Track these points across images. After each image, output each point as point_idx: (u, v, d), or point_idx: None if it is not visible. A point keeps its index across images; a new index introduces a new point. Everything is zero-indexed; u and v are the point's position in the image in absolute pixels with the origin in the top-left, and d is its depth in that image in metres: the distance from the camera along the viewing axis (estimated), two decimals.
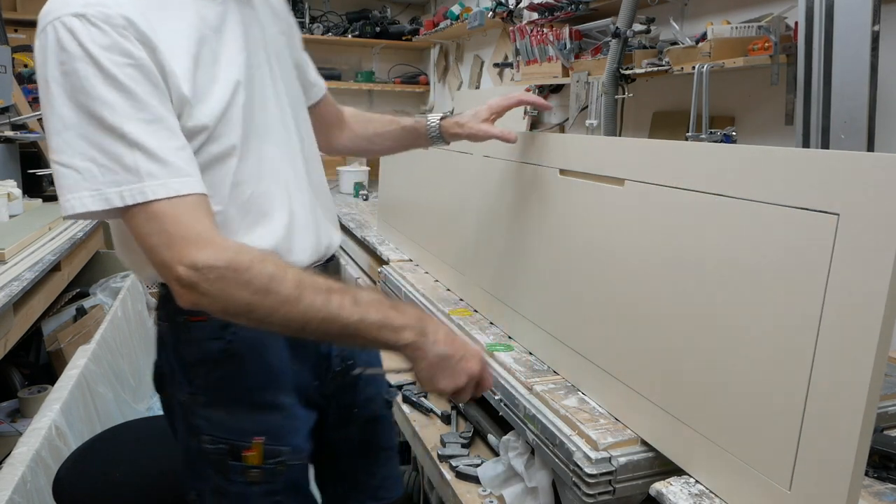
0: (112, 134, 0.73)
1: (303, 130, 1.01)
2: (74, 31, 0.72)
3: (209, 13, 0.86)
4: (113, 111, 0.73)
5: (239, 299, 0.74)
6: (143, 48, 0.75)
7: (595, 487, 0.86)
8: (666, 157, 0.91)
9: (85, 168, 0.73)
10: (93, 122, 0.73)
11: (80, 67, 0.72)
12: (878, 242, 0.63)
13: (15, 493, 1.28)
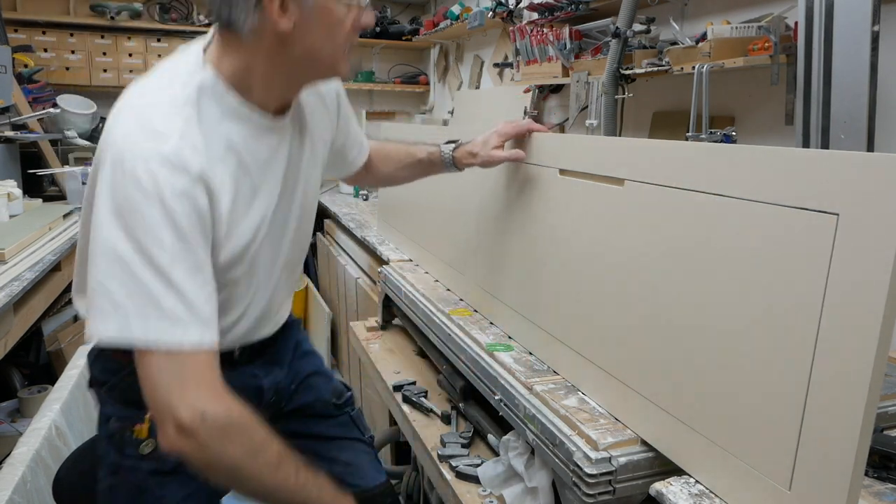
0: (159, 275, 0.77)
1: (304, 223, 1.09)
2: (154, 174, 0.77)
3: (262, 147, 0.92)
4: (165, 253, 0.78)
5: (231, 455, 0.81)
6: (208, 198, 0.82)
7: (595, 487, 0.86)
8: (666, 157, 0.91)
9: (122, 302, 0.77)
10: (143, 260, 0.77)
11: (150, 209, 0.77)
12: (878, 242, 0.63)
13: (15, 493, 1.28)
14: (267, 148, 0.93)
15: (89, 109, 3.66)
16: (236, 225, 0.89)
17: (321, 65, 0.90)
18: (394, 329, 1.88)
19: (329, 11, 0.85)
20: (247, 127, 0.89)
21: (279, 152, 0.96)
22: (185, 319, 0.79)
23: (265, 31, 0.84)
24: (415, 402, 1.41)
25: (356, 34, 0.91)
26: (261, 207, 0.94)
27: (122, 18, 3.86)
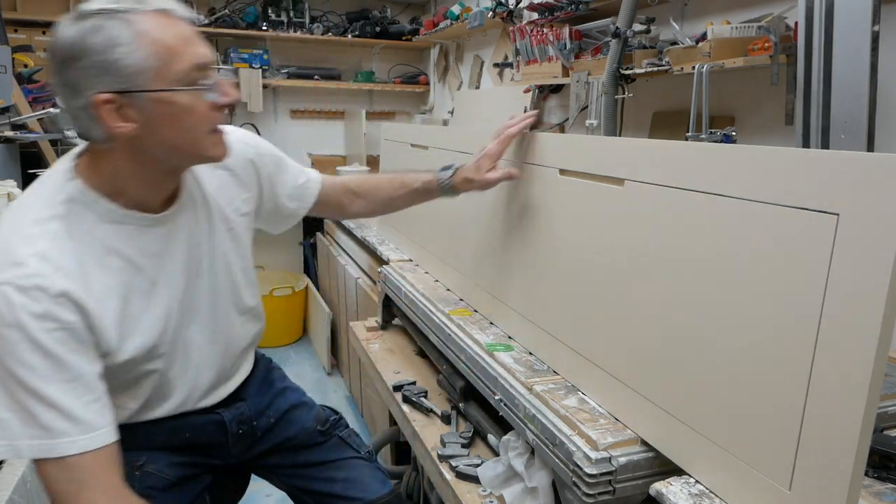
0: (32, 395, 0.81)
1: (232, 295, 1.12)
2: (11, 302, 0.80)
3: (151, 241, 0.95)
4: (33, 374, 0.81)
5: None
6: (77, 313, 0.84)
7: (595, 487, 0.86)
8: (666, 157, 0.91)
9: (6, 419, 0.82)
10: (16, 381, 0.81)
11: (9, 333, 0.80)
12: (878, 242, 0.63)
13: (15, 493, 1.28)
14: (156, 241, 0.96)
15: None
16: (136, 321, 0.94)
17: (185, 154, 0.92)
18: (394, 329, 1.88)
19: (171, 104, 0.86)
20: (127, 227, 0.92)
21: (174, 241, 0.99)
22: (67, 430, 0.83)
23: (115, 137, 0.86)
24: (415, 402, 1.41)
25: (218, 113, 0.91)
26: (165, 297, 0.98)
27: None
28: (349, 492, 1.22)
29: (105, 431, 0.87)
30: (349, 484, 1.24)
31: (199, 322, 1.06)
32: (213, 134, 0.92)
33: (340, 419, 1.35)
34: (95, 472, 0.85)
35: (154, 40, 0.83)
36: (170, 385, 1.04)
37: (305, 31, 4.08)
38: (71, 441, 0.83)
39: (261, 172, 1.17)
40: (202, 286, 1.05)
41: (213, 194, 1.07)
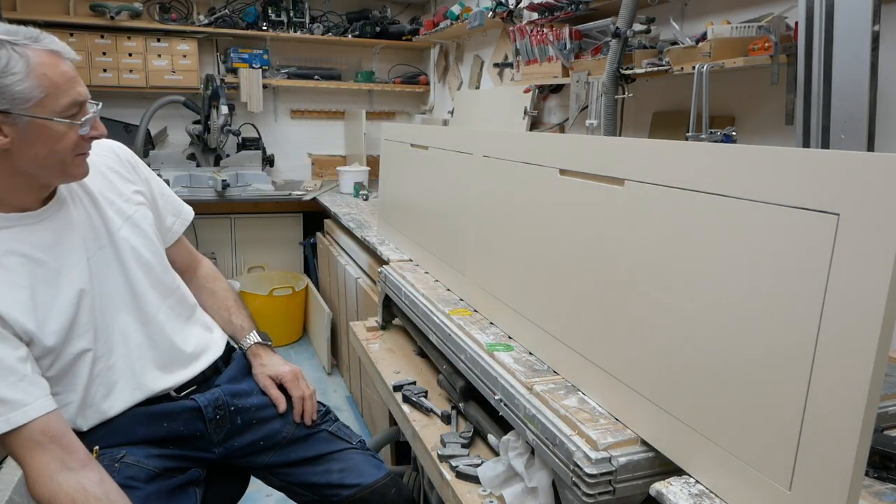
0: None
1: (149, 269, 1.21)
2: None
3: (41, 235, 1.05)
4: None
5: None
6: None
7: (595, 487, 0.86)
8: (666, 157, 0.91)
9: None
10: None
11: None
12: (878, 242, 0.63)
13: (15, 493, 1.28)
14: (47, 233, 1.07)
15: None
16: (49, 307, 1.04)
17: (51, 171, 1.04)
18: (394, 329, 1.88)
19: (46, 129, 0.99)
20: (15, 229, 1.03)
21: (65, 231, 1.09)
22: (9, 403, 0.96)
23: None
24: (415, 402, 1.41)
25: (86, 143, 1.06)
26: (72, 282, 1.07)
27: (122, 18, 3.86)
28: (346, 479, 1.26)
29: (35, 405, 0.98)
30: (346, 472, 1.28)
31: (123, 307, 1.16)
32: (77, 157, 1.05)
33: (328, 412, 1.39)
34: (39, 451, 0.97)
35: (44, 75, 0.97)
36: (111, 371, 1.13)
37: (305, 31, 4.08)
38: (4, 420, 0.96)
39: (139, 170, 1.30)
40: (113, 273, 1.15)
41: (100, 190, 1.18)
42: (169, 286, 1.26)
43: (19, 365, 0.99)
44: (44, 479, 0.96)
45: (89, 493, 0.98)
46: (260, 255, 3.96)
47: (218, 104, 3.60)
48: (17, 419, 0.96)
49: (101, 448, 1.12)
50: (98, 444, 1.12)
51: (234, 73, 4.01)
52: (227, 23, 3.95)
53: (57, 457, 0.98)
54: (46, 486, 0.96)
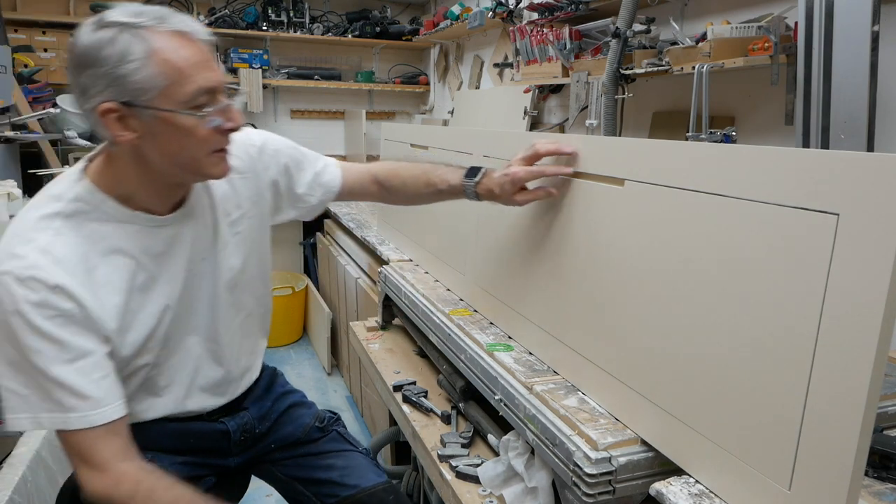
0: (42, 375, 0.88)
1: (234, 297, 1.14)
2: (11, 292, 0.86)
3: (155, 242, 0.99)
4: (40, 356, 0.87)
5: None
6: (73, 303, 0.89)
7: (595, 487, 0.86)
8: (666, 157, 0.91)
9: (25, 395, 0.89)
10: (26, 363, 0.88)
11: (12, 320, 0.86)
12: (878, 242, 0.63)
13: (15, 493, 1.28)
14: (161, 242, 1.00)
15: None
16: (134, 316, 0.98)
17: (185, 169, 0.95)
18: (394, 329, 1.88)
19: (173, 124, 0.88)
20: (132, 228, 0.96)
21: (177, 244, 1.02)
22: (76, 406, 0.89)
23: (119, 143, 0.90)
24: (415, 402, 1.41)
25: (222, 136, 0.93)
26: (163, 295, 1.01)
27: None
28: (346, 479, 1.24)
29: (113, 407, 0.93)
30: (347, 471, 1.26)
31: (196, 326, 1.09)
32: (213, 154, 0.94)
33: (338, 418, 1.38)
34: (106, 444, 0.92)
35: (165, 60, 0.85)
36: (160, 381, 1.08)
37: (305, 31, 4.08)
38: (81, 416, 0.89)
39: (271, 172, 1.19)
40: (203, 291, 1.08)
41: (221, 200, 1.09)
42: (251, 298, 1.19)
43: (104, 361, 0.93)
44: (106, 469, 0.92)
45: (152, 475, 0.95)
46: None
47: None
48: (95, 419, 0.91)
49: None
50: None
51: (234, 73, 4.01)
52: (227, 23, 3.95)
53: (119, 450, 0.94)
54: (108, 475, 0.92)
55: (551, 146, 1.12)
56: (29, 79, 3.41)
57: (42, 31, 3.76)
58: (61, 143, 3.40)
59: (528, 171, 1.12)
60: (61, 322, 0.88)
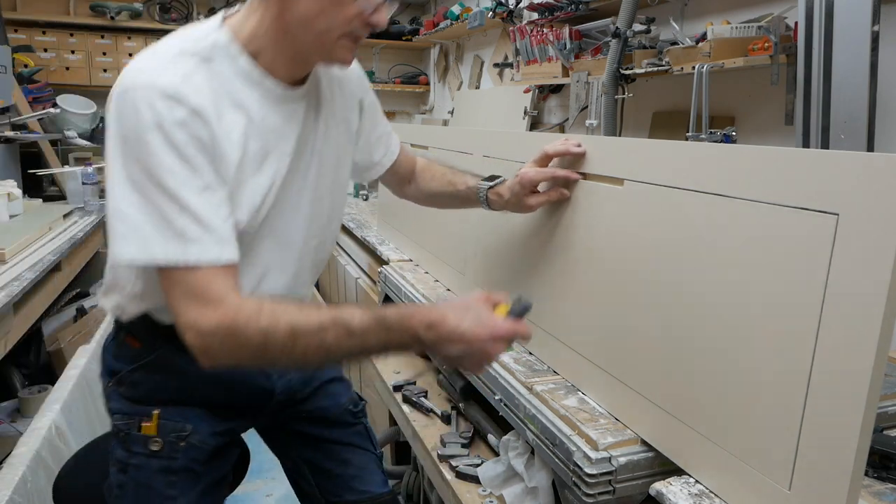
0: (168, 197, 0.81)
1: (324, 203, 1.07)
2: (153, 105, 0.81)
3: (273, 114, 0.94)
4: (173, 177, 0.81)
5: (243, 357, 0.83)
6: (209, 133, 0.84)
7: (595, 487, 0.86)
8: (666, 157, 0.91)
9: (139, 222, 0.81)
10: (153, 183, 0.80)
11: (151, 137, 0.80)
12: (878, 242, 0.63)
13: (15, 493, 1.28)
14: (278, 116, 0.94)
15: (89, 109, 3.66)
16: (245, 182, 0.90)
17: (317, 40, 0.90)
18: None
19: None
20: (258, 91, 0.91)
21: (291, 122, 0.96)
22: (200, 237, 0.81)
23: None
24: (415, 402, 1.41)
25: (363, 28, 0.91)
26: (270, 171, 0.94)
27: (122, 18, 3.86)
28: (356, 482, 1.20)
29: (232, 249, 0.85)
30: (362, 473, 1.21)
31: (283, 225, 1.01)
32: (346, 37, 0.91)
33: (365, 407, 1.31)
34: (224, 280, 0.83)
35: None
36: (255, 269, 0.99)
37: None
38: (202, 249, 0.82)
39: (362, 99, 1.18)
40: (307, 179, 1.02)
41: (327, 96, 1.05)
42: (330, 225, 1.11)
43: (226, 203, 0.86)
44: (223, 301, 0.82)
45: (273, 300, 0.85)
46: None
47: None
48: (216, 255, 0.82)
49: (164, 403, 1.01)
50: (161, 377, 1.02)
51: None
52: None
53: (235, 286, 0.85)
54: (227, 306, 0.81)
55: (560, 147, 1.12)
56: (29, 79, 3.41)
57: (42, 31, 3.76)
58: (61, 143, 3.40)
59: (538, 172, 1.12)
60: (198, 147, 0.83)
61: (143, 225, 0.81)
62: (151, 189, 0.81)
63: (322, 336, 0.82)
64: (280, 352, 0.82)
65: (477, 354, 0.85)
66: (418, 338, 0.84)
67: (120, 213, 0.82)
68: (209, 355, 0.82)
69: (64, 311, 2.64)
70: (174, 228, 0.81)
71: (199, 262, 0.81)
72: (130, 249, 0.82)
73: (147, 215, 0.81)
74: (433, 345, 0.84)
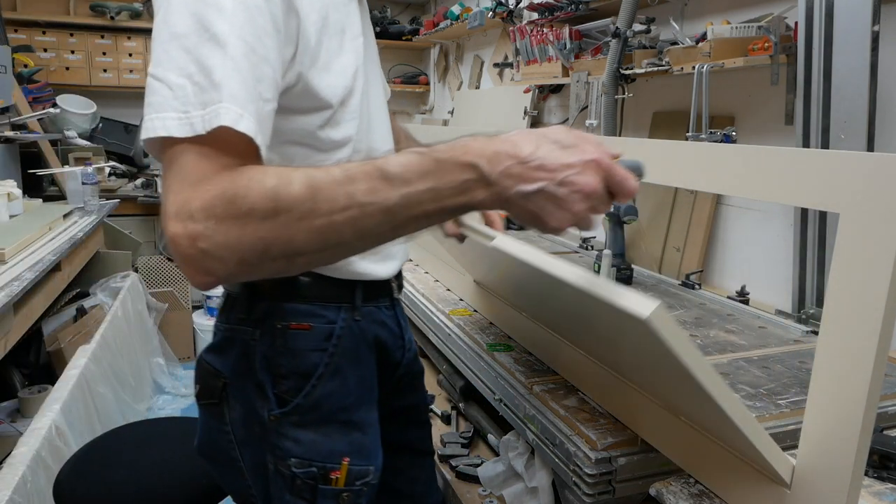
0: (215, 42, 0.62)
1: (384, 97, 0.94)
2: None
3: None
4: (223, 16, 0.62)
5: (248, 238, 0.57)
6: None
7: (595, 487, 0.86)
8: (666, 157, 0.91)
9: (179, 85, 0.61)
10: (199, 31, 0.62)
11: None
12: (879, 242, 0.63)
13: (15, 493, 1.28)
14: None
15: (89, 109, 3.66)
16: (331, 59, 0.74)
17: None
18: None
19: None
20: None
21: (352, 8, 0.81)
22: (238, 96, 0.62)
23: None
24: None
25: None
26: (351, 52, 0.78)
27: (122, 18, 3.86)
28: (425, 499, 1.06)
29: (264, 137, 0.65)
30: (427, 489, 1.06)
31: (380, 114, 0.86)
32: None
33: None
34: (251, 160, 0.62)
35: None
36: None
37: None
38: (239, 115, 0.61)
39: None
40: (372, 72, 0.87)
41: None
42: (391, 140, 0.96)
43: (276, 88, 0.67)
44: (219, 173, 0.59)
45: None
46: None
47: None
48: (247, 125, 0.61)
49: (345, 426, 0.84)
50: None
51: None
52: None
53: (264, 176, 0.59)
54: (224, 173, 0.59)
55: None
56: (29, 79, 3.41)
57: (42, 31, 3.76)
58: (61, 143, 3.40)
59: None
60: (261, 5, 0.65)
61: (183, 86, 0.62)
62: (196, 39, 0.63)
63: (350, 189, 0.57)
64: (298, 218, 0.57)
65: (565, 195, 0.58)
66: (480, 173, 0.57)
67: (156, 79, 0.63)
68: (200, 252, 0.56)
69: (64, 311, 2.63)
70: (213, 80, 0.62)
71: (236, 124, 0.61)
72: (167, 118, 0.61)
73: (189, 76, 0.62)
74: (500, 182, 0.57)
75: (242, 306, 0.83)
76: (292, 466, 0.81)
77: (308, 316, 0.81)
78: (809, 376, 0.68)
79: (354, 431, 0.84)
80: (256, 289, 0.81)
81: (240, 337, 0.83)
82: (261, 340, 0.82)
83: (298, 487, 0.81)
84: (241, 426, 0.84)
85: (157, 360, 3.00)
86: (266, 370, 0.81)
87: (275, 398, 0.81)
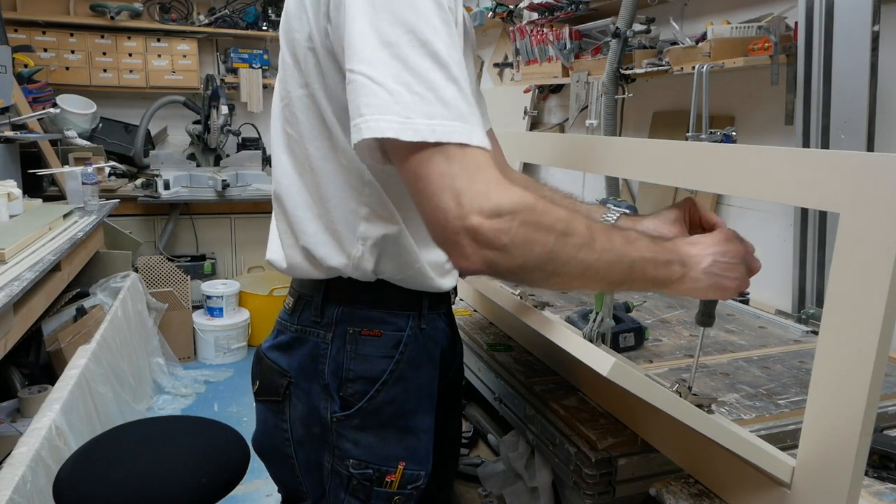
0: (435, 61, 0.63)
1: None
2: None
3: None
4: (439, 37, 0.64)
5: (542, 246, 0.63)
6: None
7: (595, 488, 0.86)
8: (666, 157, 0.91)
9: (397, 91, 0.62)
10: (415, 45, 0.63)
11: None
12: (879, 242, 0.63)
13: (15, 493, 1.28)
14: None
15: (89, 109, 3.66)
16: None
17: None
18: None
19: None
20: None
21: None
22: (466, 115, 0.64)
23: None
24: None
25: None
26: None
27: (122, 18, 3.86)
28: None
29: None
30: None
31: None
32: None
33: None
34: (488, 167, 0.63)
35: None
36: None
37: None
38: (469, 129, 0.63)
39: None
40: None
41: None
42: None
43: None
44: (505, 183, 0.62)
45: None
46: (260, 255, 3.95)
47: (218, 104, 3.61)
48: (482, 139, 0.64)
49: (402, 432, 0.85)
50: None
51: (234, 73, 4.01)
52: (227, 23, 3.95)
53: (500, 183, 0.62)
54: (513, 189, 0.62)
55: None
56: (29, 79, 3.41)
57: (42, 31, 3.76)
58: (61, 143, 3.40)
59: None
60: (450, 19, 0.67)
61: (401, 93, 0.63)
62: (412, 52, 0.64)
63: (611, 237, 0.67)
64: (580, 246, 0.65)
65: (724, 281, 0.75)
66: (680, 257, 0.73)
67: (373, 82, 0.63)
68: (499, 243, 0.61)
69: (64, 311, 2.63)
70: (442, 98, 0.63)
71: (470, 139, 0.63)
72: (390, 120, 0.62)
73: (406, 85, 0.63)
74: (688, 264, 0.73)
75: (316, 309, 0.85)
76: (350, 467, 0.83)
77: (379, 323, 0.83)
78: (809, 376, 0.68)
79: (410, 437, 0.86)
80: (330, 293, 0.84)
81: (310, 338, 0.85)
82: (332, 344, 0.84)
83: (354, 487, 0.84)
84: (300, 424, 0.86)
85: (157, 360, 3.00)
86: (334, 373, 0.83)
87: (340, 400, 0.83)
